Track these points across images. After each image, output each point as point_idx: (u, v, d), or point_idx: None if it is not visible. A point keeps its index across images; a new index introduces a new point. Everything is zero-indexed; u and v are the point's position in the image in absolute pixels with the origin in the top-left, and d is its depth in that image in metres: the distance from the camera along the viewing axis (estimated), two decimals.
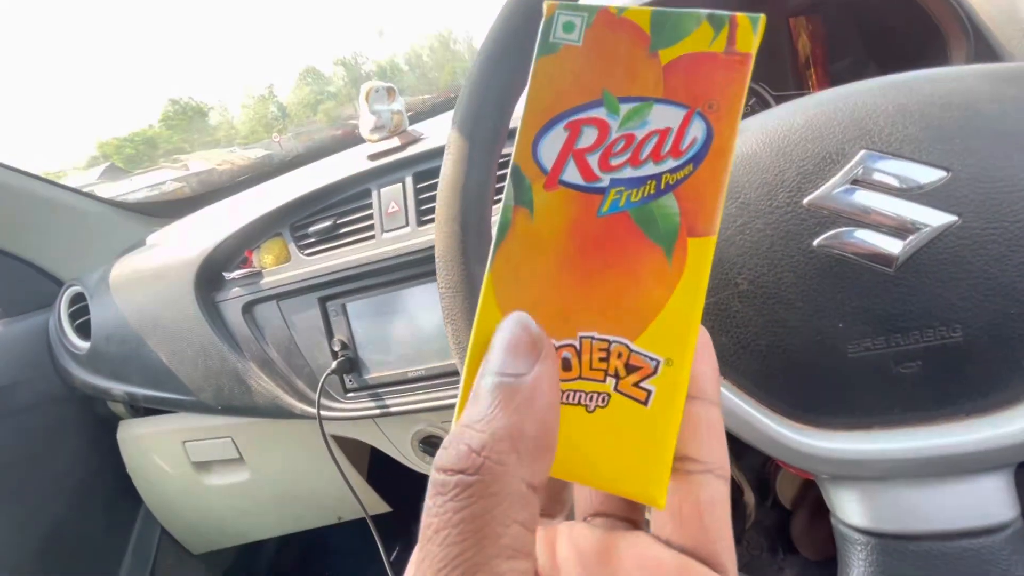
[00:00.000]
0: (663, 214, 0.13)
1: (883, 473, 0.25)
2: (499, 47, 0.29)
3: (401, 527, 0.94)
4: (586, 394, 0.13)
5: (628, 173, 0.13)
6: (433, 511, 0.11)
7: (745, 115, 0.57)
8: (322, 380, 0.62)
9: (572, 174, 0.13)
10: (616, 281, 0.13)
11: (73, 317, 0.84)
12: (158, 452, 0.85)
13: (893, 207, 0.23)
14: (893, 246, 0.23)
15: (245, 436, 0.79)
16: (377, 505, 0.85)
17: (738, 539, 0.74)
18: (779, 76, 0.57)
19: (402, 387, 0.62)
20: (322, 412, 0.64)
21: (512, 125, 0.54)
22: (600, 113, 0.13)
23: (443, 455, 0.12)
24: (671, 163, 0.13)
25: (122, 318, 0.77)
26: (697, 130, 0.13)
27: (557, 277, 0.13)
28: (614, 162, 0.13)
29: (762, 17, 0.13)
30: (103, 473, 0.89)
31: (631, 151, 0.13)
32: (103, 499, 0.90)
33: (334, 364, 0.62)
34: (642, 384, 0.13)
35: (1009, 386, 0.23)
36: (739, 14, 0.12)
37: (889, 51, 0.51)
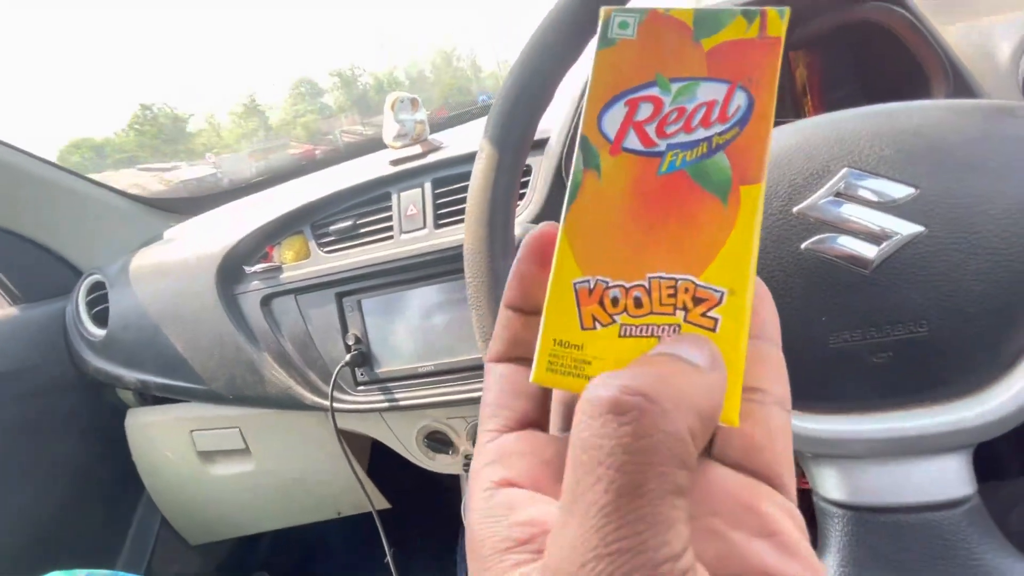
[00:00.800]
0: (716, 168, 0.15)
1: (858, 452, 0.28)
2: (531, 64, 0.33)
3: (398, 524, 0.96)
4: (658, 327, 0.15)
5: (682, 138, 0.15)
6: (603, 432, 0.11)
7: None
8: (336, 372, 0.65)
9: (633, 141, 0.15)
10: (678, 227, 0.15)
11: (91, 305, 0.87)
12: (165, 440, 0.87)
13: (870, 217, 0.26)
14: (869, 251, 0.26)
15: (252, 427, 0.81)
16: (377, 500, 0.87)
17: None
18: (779, 102, 0.61)
19: (412, 381, 0.65)
20: (334, 404, 0.67)
21: (539, 136, 0.58)
22: (654, 91, 0.15)
23: (624, 375, 0.11)
24: (719, 127, 0.15)
25: (140, 307, 0.80)
26: (740, 99, 0.15)
27: (624, 228, 0.15)
28: (669, 130, 0.15)
29: (787, 9, 0.15)
30: (107, 461, 0.91)
31: (683, 120, 0.15)
32: (106, 487, 0.91)
33: (348, 357, 0.65)
34: (709, 313, 0.14)
35: (967, 377, 0.26)
36: (768, 7, 0.15)
37: (879, 85, 0.55)
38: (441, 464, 0.74)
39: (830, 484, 0.29)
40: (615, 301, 0.15)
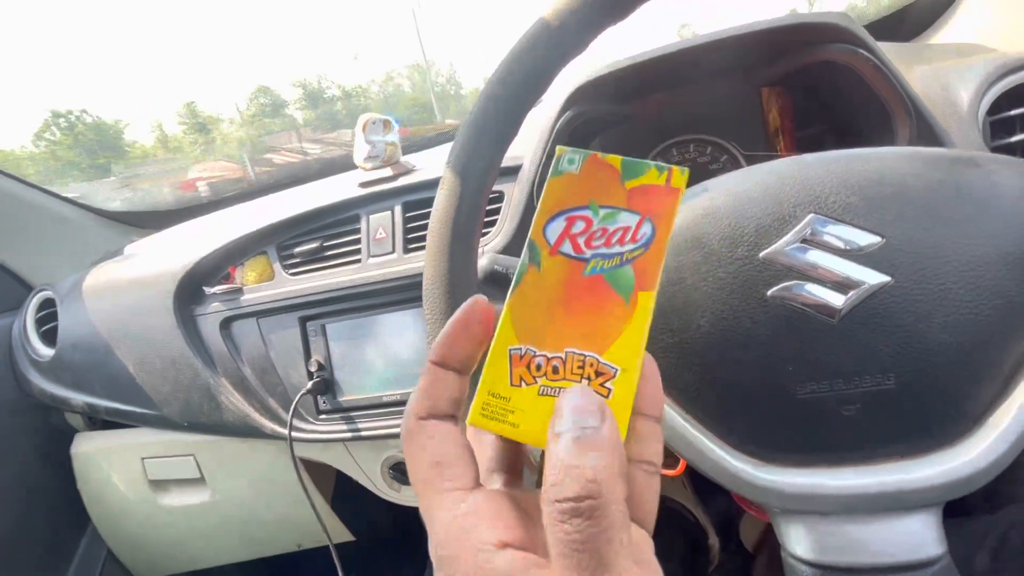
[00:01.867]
0: (624, 276, 0.20)
1: (826, 508, 0.27)
2: (499, 91, 0.32)
3: (362, 556, 0.92)
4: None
5: (603, 250, 0.20)
6: (574, 528, 0.15)
7: (717, 171, 0.61)
8: (296, 400, 0.62)
9: (567, 247, 0.20)
10: (592, 317, 0.19)
11: (40, 323, 0.82)
12: (114, 468, 0.82)
13: (837, 266, 0.26)
14: (836, 300, 0.25)
15: (208, 455, 0.77)
16: (340, 533, 0.83)
17: None
18: (751, 138, 0.62)
19: (377, 411, 0.63)
20: (293, 433, 0.64)
21: (511, 163, 0.57)
22: (587, 213, 0.20)
23: (567, 486, 0.16)
24: (630, 247, 0.20)
25: (91, 326, 0.76)
26: (646, 228, 0.20)
27: (553, 311, 0.20)
28: (595, 243, 0.20)
29: (687, 170, 0.20)
30: (51, 488, 0.85)
31: (606, 237, 0.20)
32: (48, 516, 0.85)
33: (309, 384, 0.62)
34: (606, 384, 0.19)
35: (935, 432, 0.26)
36: (674, 166, 0.20)
37: (846, 124, 0.56)
38: (407, 496, 0.71)
39: (797, 540, 0.28)
40: (538, 367, 0.19)
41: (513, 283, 0.20)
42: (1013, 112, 0.48)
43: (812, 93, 0.57)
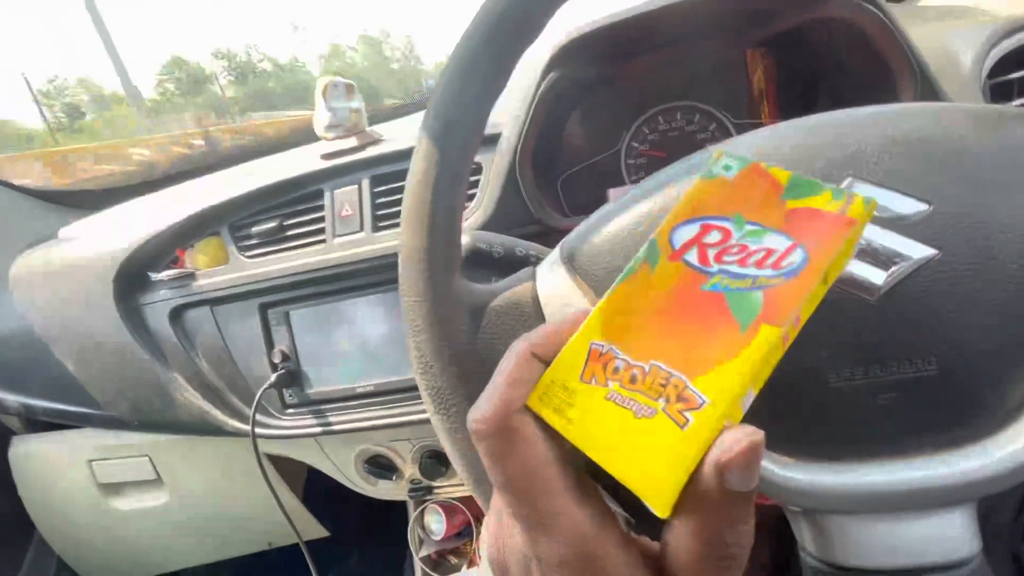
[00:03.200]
0: (749, 301, 0.17)
1: (852, 507, 0.24)
2: (473, 53, 0.27)
3: (338, 552, 0.88)
4: (639, 404, 0.16)
5: (734, 269, 0.17)
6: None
7: (705, 140, 0.57)
8: (259, 394, 0.57)
9: (693, 256, 0.18)
10: (696, 334, 0.17)
11: None
12: (58, 473, 0.75)
13: (878, 237, 0.22)
14: (876, 276, 0.22)
15: (164, 454, 0.71)
16: (313, 529, 0.79)
17: None
18: (738, 104, 0.58)
19: (348, 403, 0.58)
20: (257, 430, 0.59)
21: (490, 131, 0.52)
22: (729, 225, 0.18)
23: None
24: (769, 272, 0.17)
25: (24, 319, 0.68)
26: (797, 256, 0.17)
27: (652, 317, 0.17)
28: (726, 258, 0.17)
29: (875, 201, 0.17)
30: None
31: (742, 255, 0.17)
32: None
33: (273, 377, 0.57)
34: (685, 412, 0.16)
35: (973, 423, 0.23)
36: (858, 195, 0.17)
37: (840, 87, 0.53)
38: (383, 491, 0.67)
39: (820, 542, 0.25)
40: (615, 370, 0.17)
41: (621, 275, 0.18)
42: (1013, 76, 0.46)
43: (804, 54, 0.54)
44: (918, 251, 0.22)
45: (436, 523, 0.73)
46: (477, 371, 0.28)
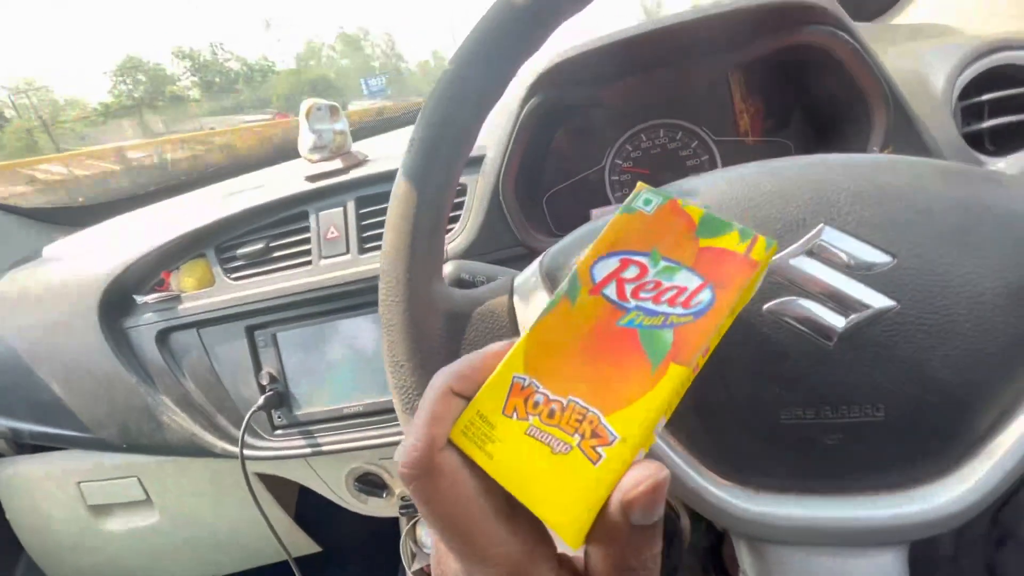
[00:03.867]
0: (660, 339, 0.17)
1: (792, 538, 0.25)
2: (463, 79, 0.28)
3: (332, 567, 0.88)
4: (556, 439, 0.17)
5: (648, 305, 0.18)
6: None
7: (687, 157, 0.58)
8: (247, 416, 0.57)
9: (611, 290, 0.18)
10: (610, 371, 0.17)
11: None
12: (46, 495, 0.75)
13: (841, 283, 0.23)
14: (836, 321, 0.23)
15: (153, 475, 0.71)
16: (306, 545, 0.79)
17: (675, 566, 0.76)
18: (724, 124, 0.59)
19: (337, 423, 0.59)
20: (247, 451, 0.59)
21: (474, 153, 0.52)
22: (645, 260, 0.19)
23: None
24: (679, 311, 0.18)
25: (8, 342, 0.67)
26: (705, 296, 0.18)
27: (571, 352, 0.18)
28: (642, 295, 0.18)
29: (776, 243, 0.18)
30: None
31: (656, 292, 0.18)
32: None
33: (261, 399, 0.57)
34: (598, 448, 0.16)
35: (914, 469, 0.24)
36: (761, 236, 0.18)
37: (820, 110, 0.54)
38: (374, 508, 0.68)
39: (760, 567, 0.26)
40: (535, 404, 0.18)
41: (543, 309, 0.19)
42: (984, 98, 0.47)
43: (786, 77, 0.55)
44: (879, 301, 0.23)
45: (428, 536, 0.73)
46: None
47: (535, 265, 0.30)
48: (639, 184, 0.20)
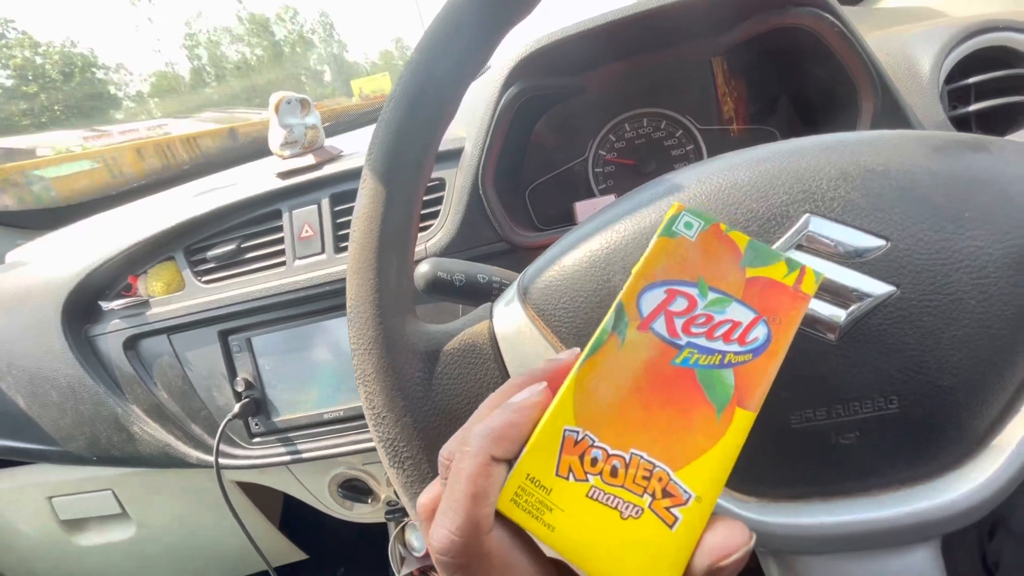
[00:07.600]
0: (721, 382, 0.16)
1: (818, 547, 0.24)
2: (430, 63, 0.26)
3: (320, 574, 0.86)
4: (624, 502, 0.16)
5: (702, 342, 0.17)
6: None
7: (672, 147, 0.56)
8: (222, 425, 0.55)
9: (661, 325, 0.17)
10: (673, 419, 0.16)
11: None
12: (15, 511, 0.72)
13: (837, 275, 0.22)
14: (837, 315, 0.22)
15: (129, 487, 0.69)
16: (291, 553, 0.77)
17: None
18: (705, 110, 0.58)
19: (317, 430, 0.56)
20: (223, 460, 0.57)
21: (452, 146, 0.50)
22: (693, 291, 0.17)
23: None
24: (736, 348, 0.16)
25: None
26: (760, 331, 0.17)
27: (626, 398, 0.16)
28: (694, 330, 0.17)
29: (823, 275, 0.18)
30: None
31: (709, 327, 0.17)
32: None
33: (237, 407, 0.55)
34: (672, 510, 0.15)
35: (938, 457, 0.23)
36: (808, 266, 0.17)
37: (807, 94, 0.53)
38: (360, 514, 0.66)
39: None
40: (594, 461, 0.16)
41: (587, 350, 0.17)
42: (970, 80, 0.46)
43: (771, 63, 0.53)
44: (878, 288, 0.21)
45: (417, 539, 0.71)
46: (433, 421, 0.27)
47: (513, 289, 0.28)
48: (675, 204, 0.18)
